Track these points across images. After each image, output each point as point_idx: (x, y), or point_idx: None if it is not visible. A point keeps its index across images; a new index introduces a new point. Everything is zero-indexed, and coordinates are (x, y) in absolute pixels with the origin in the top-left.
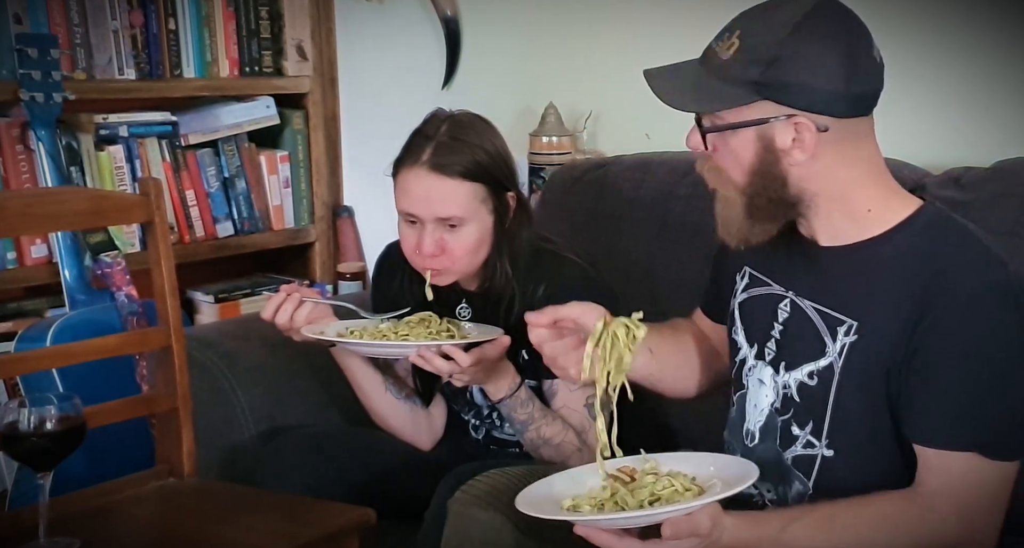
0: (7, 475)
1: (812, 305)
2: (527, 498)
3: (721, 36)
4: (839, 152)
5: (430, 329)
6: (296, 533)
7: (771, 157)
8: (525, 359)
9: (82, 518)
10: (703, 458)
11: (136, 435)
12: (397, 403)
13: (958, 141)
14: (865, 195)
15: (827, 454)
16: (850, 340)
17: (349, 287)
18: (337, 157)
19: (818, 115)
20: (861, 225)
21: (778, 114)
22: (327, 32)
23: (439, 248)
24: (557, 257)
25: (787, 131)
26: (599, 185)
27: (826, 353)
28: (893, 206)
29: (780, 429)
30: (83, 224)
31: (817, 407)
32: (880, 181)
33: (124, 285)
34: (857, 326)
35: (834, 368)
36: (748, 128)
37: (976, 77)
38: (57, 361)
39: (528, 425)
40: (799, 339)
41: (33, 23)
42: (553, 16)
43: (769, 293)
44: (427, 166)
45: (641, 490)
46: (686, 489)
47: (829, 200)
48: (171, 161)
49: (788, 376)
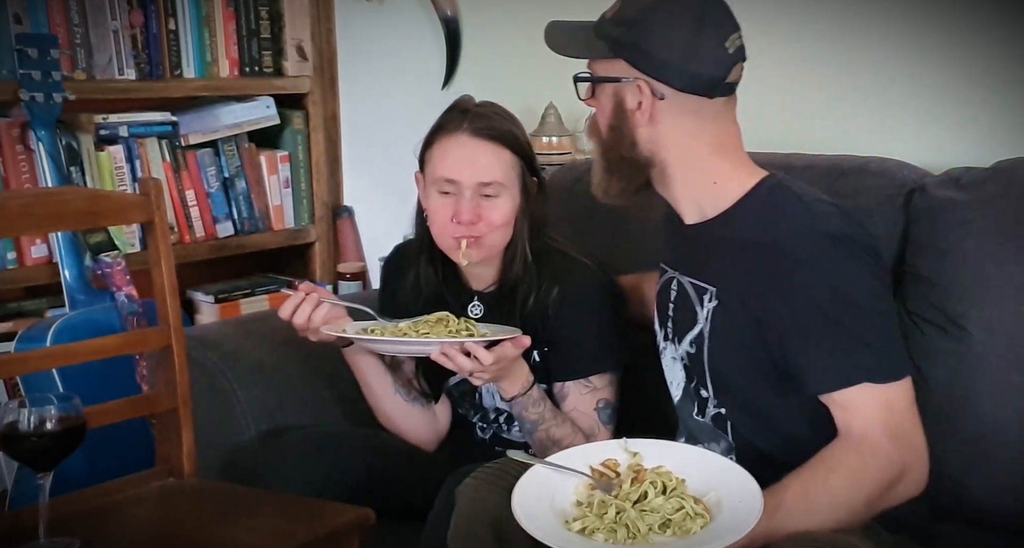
0: (7, 475)
1: (688, 280)
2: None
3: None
4: (679, 124)
5: (449, 328)
6: (296, 533)
7: (622, 115)
8: (536, 361)
9: (82, 518)
10: (687, 454)
11: (136, 435)
12: (405, 404)
13: (958, 141)
14: (709, 167)
15: (723, 412)
16: (712, 306)
17: (349, 287)
18: (337, 157)
19: (657, 82)
20: (712, 199)
21: (628, 75)
22: (327, 32)
23: (476, 216)
24: (568, 257)
25: (634, 93)
26: None
27: (698, 320)
28: (738, 178)
29: (692, 397)
30: (83, 224)
31: (702, 371)
32: (727, 156)
33: (124, 285)
34: (716, 292)
35: (704, 333)
36: (607, 83)
37: (976, 77)
38: (57, 361)
39: (538, 425)
40: (682, 312)
41: (33, 23)
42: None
43: (667, 278)
44: (468, 131)
45: (651, 514)
46: (696, 514)
47: (676, 168)
48: (171, 161)
49: (681, 348)
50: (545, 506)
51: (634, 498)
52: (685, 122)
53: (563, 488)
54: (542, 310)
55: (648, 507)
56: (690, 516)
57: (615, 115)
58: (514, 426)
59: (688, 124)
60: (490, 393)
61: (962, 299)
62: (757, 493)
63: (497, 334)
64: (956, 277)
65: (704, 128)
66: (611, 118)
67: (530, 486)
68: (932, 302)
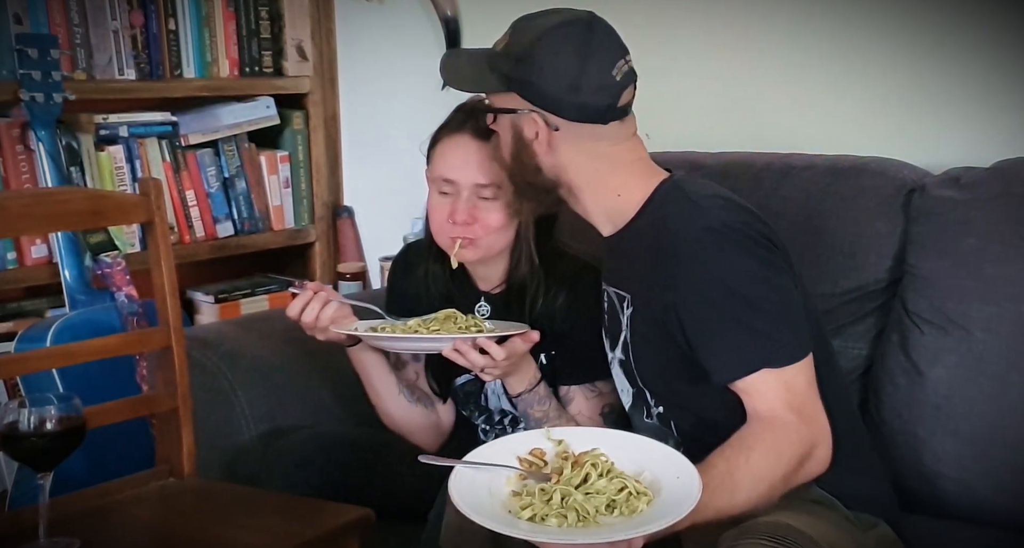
0: (7, 475)
1: (613, 289)
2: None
3: (507, 31)
4: (578, 148)
5: (458, 325)
6: (296, 533)
7: (521, 145)
8: (543, 364)
9: (82, 518)
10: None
11: (136, 435)
12: (408, 405)
13: (958, 141)
14: (613, 184)
15: (663, 411)
16: (630, 312)
17: (349, 287)
18: (337, 157)
19: (550, 114)
20: (619, 211)
21: (523, 107)
22: (327, 32)
23: (471, 217)
24: (579, 262)
25: (530, 125)
26: None
27: (622, 327)
28: (638, 187)
29: (637, 401)
30: (83, 224)
31: (633, 375)
32: (627, 169)
33: (124, 285)
34: (631, 298)
35: (627, 340)
36: (505, 115)
37: (976, 77)
38: (57, 361)
39: (543, 423)
40: (613, 321)
41: (33, 23)
42: None
43: (604, 289)
44: (470, 133)
45: (597, 496)
46: (640, 492)
47: (582, 187)
48: (171, 161)
49: (617, 356)
50: (486, 501)
51: (576, 482)
52: (583, 146)
53: (495, 482)
54: (550, 313)
55: (592, 490)
56: (633, 495)
57: (515, 144)
58: (518, 429)
59: (586, 147)
60: (495, 395)
61: (962, 299)
62: (690, 467)
63: (508, 329)
64: (956, 277)
65: (601, 149)
66: (512, 147)
67: (462, 485)
68: (932, 302)
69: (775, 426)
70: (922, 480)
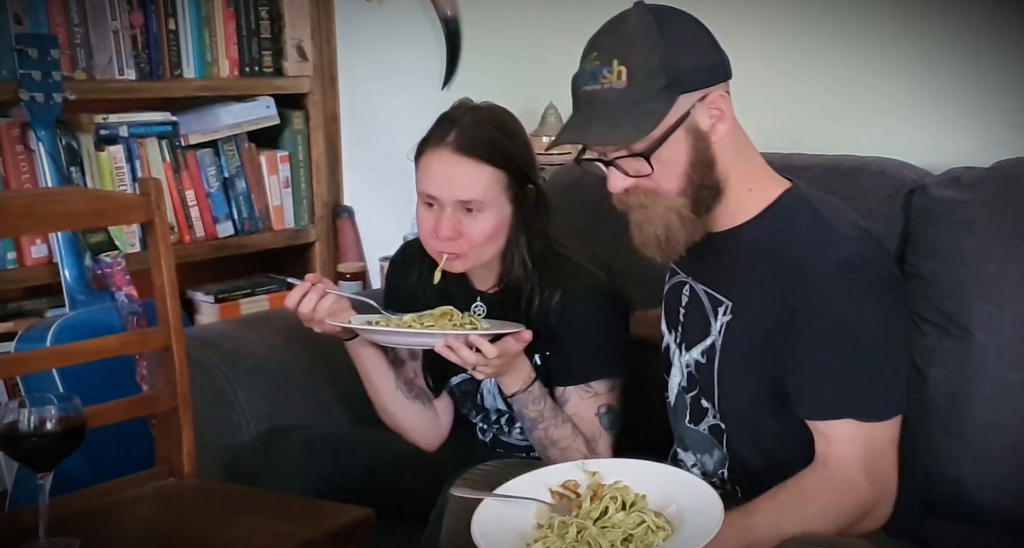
0: (7, 475)
1: (703, 288)
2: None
3: (598, 74)
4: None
5: (453, 321)
6: (296, 533)
7: (702, 144)
8: (538, 364)
9: (82, 518)
10: (647, 471)
11: (136, 435)
12: (407, 402)
13: (958, 141)
14: (749, 175)
15: (722, 425)
16: (727, 319)
17: (349, 287)
18: (337, 157)
19: (717, 85)
20: (740, 208)
21: (693, 102)
22: (327, 32)
23: (456, 232)
24: (573, 263)
25: (704, 112)
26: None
27: (710, 332)
28: (767, 187)
29: (689, 405)
30: (83, 224)
31: (710, 383)
32: (758, 163)
33: (124, 285)
34: (732, 306)
35: (716, 346)
36: (678, 129)
37: (976, 77)
38: (57, 361)
39: (538, 423)
40: (694, 321)
41: (33, 23)
42: (553, 16)
43: (678, 281)
44: (451, 147)
45: (613, 530)
46: (658, 527)
47: (732, 175)
48: (171, 161)
49: (688, 356)
50: (505, 532)
51: (595, 516)
52: (733, 127)
53: (523, 514)
54: (545, 314)
55: (609, 524)
56: (652, 530)
57: (696, 149)
58: (515, 428)
59: (733, 127)
60: (491, 394)
61: (962, 299)
62: (716, 501)
63: (503, 327)
64: (956, 277)
65: (740, 132)
66: (692, 156)
67: (489, 514)
68: (932, 302)
69: (838, 483)
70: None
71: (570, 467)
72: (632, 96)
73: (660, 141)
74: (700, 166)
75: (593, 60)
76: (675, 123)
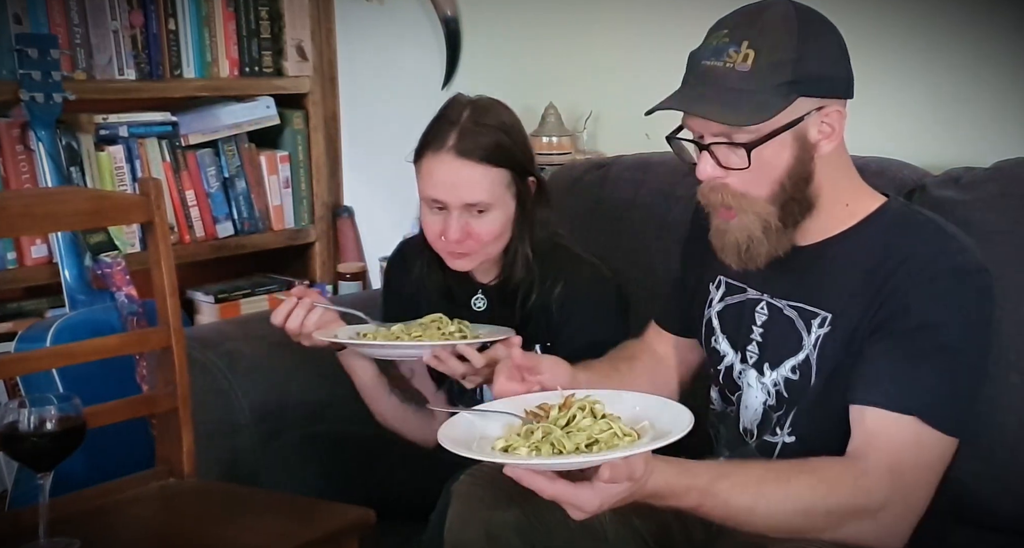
0: (7, 475)
1: (787, 303)
2: (453, 434)
3: (723, 52)
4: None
5: (442, 330)
6: (296, 533)
7: (805, 155)
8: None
9: (82, 518)
10: (629, 398)
11: (136, 435)
12: (401, 406)
13: (958, 141)
14: (848, 190)
15: (788, 441)
16: (824, 331)
17: (349, 287)
18: (337, 157)
19: (837, 99)
20: (835, 221)
21: (810, 109)
22: (327, 32)
23: (464, 233)
24: (572, 254)
25: (817, 123)
26: (599, 185)
27: (803, 346)
28: (864, 200)
29: (775, 423)
30: (83, 224)
31: (799, 398)
32: (853, 173)
33: (124, 285)
34: (831, 318)
35: (810, 360)
36: (786, 131)
37: (976, 77)
38: (57, 361)
39: None
40: (779, 338)
41: (33, 23)
42: (553, 16)
43: (745, 299)
44: (453, 152)
45: (578, 433)
46: (625, 434)
47: (826, 192)
48: (171, 161)
49: (775, 374)
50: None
51: (562, 423)
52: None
53: (492, 427)
54: (545, 305)
55: (575, 428)
56: (618, 436)
57: (798, 158)
58: None
59: (841, 141)
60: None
61: None
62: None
63: (492, 335)
64: None
65: (843, 150)
66: (792, 164)
67: (460, 422)
68: None
69: (852, 465)
70: None
71: (552, 394)
72: (752, 83)
73: (765, 137)
74: (796, 178)
75: (722, 36)
76: (786, 124)
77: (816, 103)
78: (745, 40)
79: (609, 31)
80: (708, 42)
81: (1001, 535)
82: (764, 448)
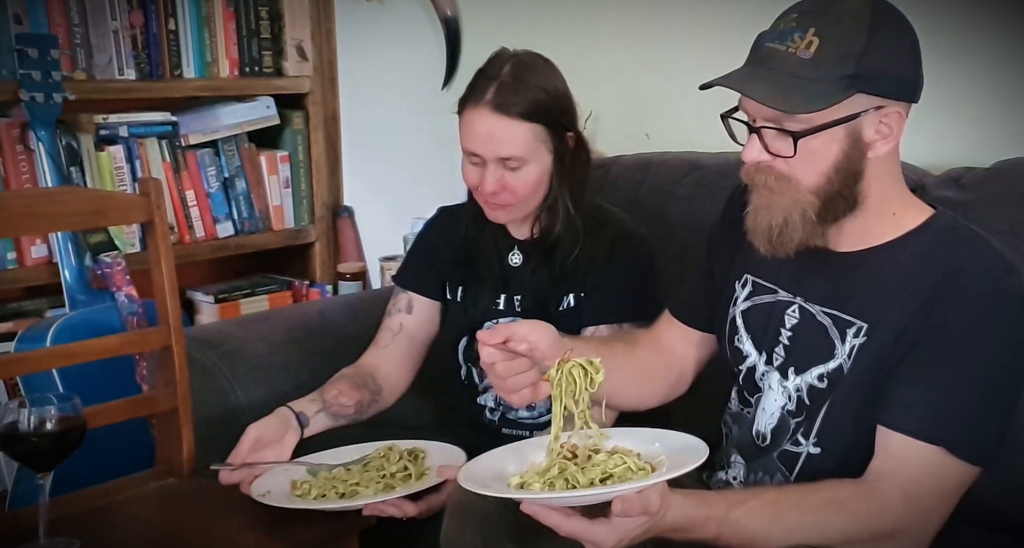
0: (7, 475)
1: (822, 309)
2: (472, 474)
3: (788, 36)
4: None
5: (385, 471)
6: (296, 533)
7: (857, 154)
8: (571, 305)
9: (82, 518)
10: (648, 434)
11: (136, 435)
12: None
13: (958, 141)
14: (896, 199)
15: (813, 452)
16: (859, 342)
17: (349, 287)
18: (337, 157)
19: (899, 102)
20: (880, 229)
21: (868, 107)
22: (327, 32)
23: (500, 186)
24: (608, 210)
25: (874, 123)
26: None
27: (835, 355)
28: (911, 212)
29: (792, 430)
30: (83, 224)
31: (820, 408)
32: (904, 187)
33: (124, 285)
34: (867, 328)
35: (843, 369)
36: (839, 125)
37: (976, 77)
38: (57, 361)
39: None
40: (809, 343)
41: (33, 23)
42: (553, 16)
43: (775, 300)
44: (490, 106)
45: (592, 468)
46: (639, 468)
47: (874, 196)
48: (171, 161)
49: (799, 379)
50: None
51: (558, 379)
52: (896, 143)
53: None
54: (589, 258)
55: (590, 464)
56: (632, 470)
57: (848, 155)
58: None
59: (896, 144)
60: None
61: None
62: (702, 448)
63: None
64: None
65: (895, 155)
66: (841, 160)
67: (482, 461)
68: None
69: (868, 487)
70: None
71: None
72: (812, 71)
73: (816, 129)
74: (844, 174)
75: (790, 20)
76: (839, 119)
77: (876, 102)
78: (812, 27)
79: (609, 31)
80: (776, 24)
81: (1008, 536)
82: (786, 458)
